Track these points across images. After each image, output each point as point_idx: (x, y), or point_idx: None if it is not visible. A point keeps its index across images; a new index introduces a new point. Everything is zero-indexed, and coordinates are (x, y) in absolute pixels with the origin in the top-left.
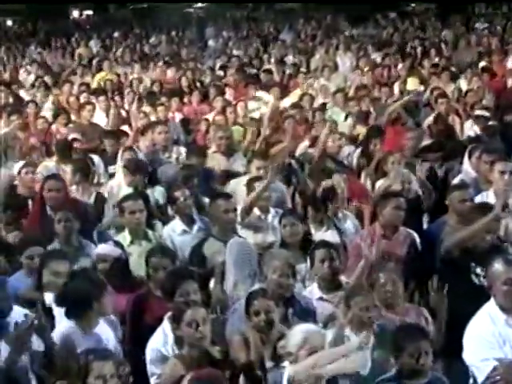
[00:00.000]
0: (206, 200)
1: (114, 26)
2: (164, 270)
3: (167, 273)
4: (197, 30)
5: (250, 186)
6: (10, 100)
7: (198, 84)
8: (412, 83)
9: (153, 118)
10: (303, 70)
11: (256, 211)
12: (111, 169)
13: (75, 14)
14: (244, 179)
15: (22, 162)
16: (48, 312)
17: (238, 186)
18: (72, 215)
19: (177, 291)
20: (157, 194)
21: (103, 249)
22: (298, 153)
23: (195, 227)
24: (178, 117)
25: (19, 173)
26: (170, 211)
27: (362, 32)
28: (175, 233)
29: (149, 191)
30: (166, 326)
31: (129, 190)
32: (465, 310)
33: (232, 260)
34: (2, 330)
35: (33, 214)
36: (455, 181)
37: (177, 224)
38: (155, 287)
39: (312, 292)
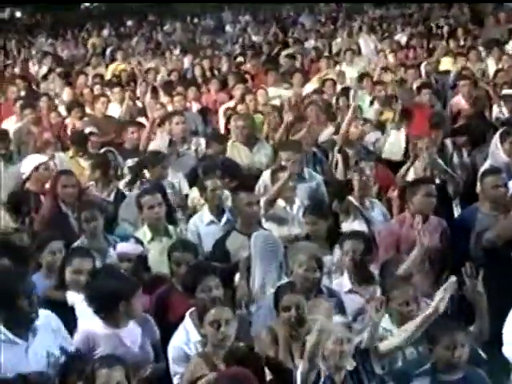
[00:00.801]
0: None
1: (128, 14)
2: (187, 264)
3: (188, 268)
4: (213, 16)
5: (273, 176)
6: (22, 93)
7: (216, 72)
8: (445, 63)
9: (170, 109)
10: (325, 54)
11: (281, 202)
12: (129, 162)
13: (86, 3)
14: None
15: (38, 156)
16: (70, 312)
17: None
18: (98, 213)
19: (198, 287)
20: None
21: (124, 247)
22: (321, 140)
23: (224, 219)
24: (196, 107)
25: (37, 168)
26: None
27: (384, 13)
28: (202, 223)
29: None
30: (187, 323)
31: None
32: (506, 302)
33: (258, 253)
34: (34, 333)
35: (45, 211)
36: (485, 166)
37: (205, 214)
38: (177, 283)
39: (341, 284)
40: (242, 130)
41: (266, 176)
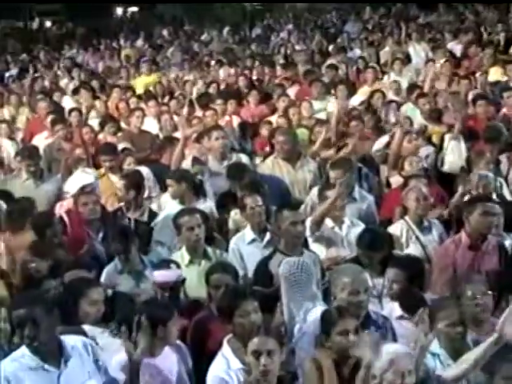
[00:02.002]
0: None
1: (163, 24)
2: (225, 287)
3: (224, 291)
4: (253, 24)
5: (321, 195)
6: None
7: (256, 83)
8: (495, 73)
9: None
10: (372, 63)
11: (329, 222)
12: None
13: (119, 11)
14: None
15: (84, 177)
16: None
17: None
18: (130, 231)
19: (236, 311)
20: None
21: (161, 276)
22: (374, 149)
23: (266, 236)
24: (236, 121)
25: (82, 189)
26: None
27: (436, 19)
28: (244, 242)
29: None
30: (226, 350)
31: (177, 205)
32: None
33: (283, 283)
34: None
35: (75, 235)
36: None
37: (247, 232)
38: (216, 308)
39: (392, 310)
40: (282, 145)
41: (313, 194)
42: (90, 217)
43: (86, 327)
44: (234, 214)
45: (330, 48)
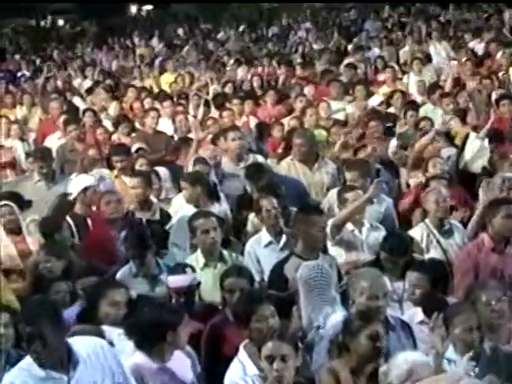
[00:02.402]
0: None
1: (178, 22)
2: (240, 292)
3: (241, 295)
4: (270, 23)
5: (341, 197)
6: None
7: (273, 83)
8: None
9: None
10: (391, 63)
11: (349, 225)
12: None
13: (133, 9)
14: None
15: (87, 178)
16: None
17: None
18: (147, 235)
19: (252, 316)
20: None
21: (175, 282)
22: (390, 154)
23: (283, 239)
24: (254, 121)
25: (85, 190)
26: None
27: (457, 17)
28: (260, 245)
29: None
30: (242, 355)
31: (190, 208)
32: None
33: (302, 287)
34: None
35: (96, 236)
36: None
37: (263, 235)
38: (231, 313)
39: (414, 315)
40: (299, 147)
41: (331, 196)
42: (113, 216)
43: (105, 328)
44: (253, 217)
45: (349, 47)
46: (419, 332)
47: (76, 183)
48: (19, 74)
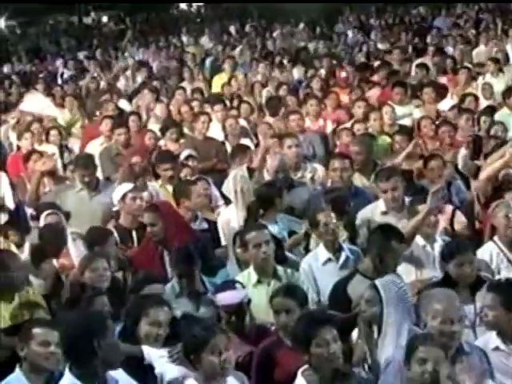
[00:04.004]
0: None
1: (230, 19)
2: (287, 313)
3: (301, 317)
4: (329, 19)
5: (410, 209)
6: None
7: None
8: None
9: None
10: (465, 64)
11: (419, 240)
12: None
13: (183, 5)
14: None
15: (126, 185)
16: (148, 370)
17: None
18: (194, 253)
19: (313, 340)
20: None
21: (225, 299)
22: (459, 165)
23: (342, 256)
24: (316, 126)
25: (123, 198)
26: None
27: None
28: (317, 262)
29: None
30: (300, 383)
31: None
32: None
33: (391, 305)
34: None
35: (146, 252)
36: None
37: (320, 252)
38: (285, 335)
39: (488, 340)
40: (356, 156)
41: (376, 215)
42: (156, 239)
43: (146, 349)
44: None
45: (419, 46)
46: (495, 359)
47: (119, 192)
48: (61, 74)
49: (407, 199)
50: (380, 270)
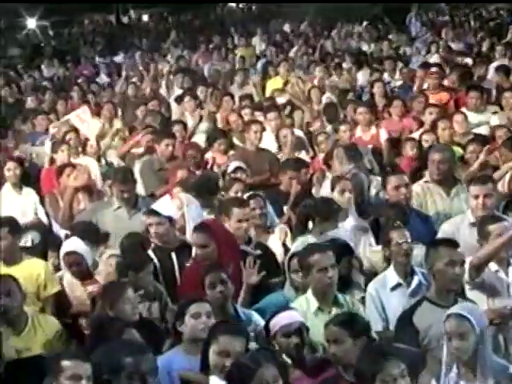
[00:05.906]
0: None
1: (284, 18)
2: (335, 343)
3: (363, 350)
4: (396, 18)
5: (482, 229)
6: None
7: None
8: None
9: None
10: None
11: (492, 265)
12: None
13: (231, 4)
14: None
15: (168, 205)
16: None
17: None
18: (226, 276)
19: (378, 375)
20: None
21: (283, 319)
22: None
23: (414, 281)
24: (384, 134)
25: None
26: None
27: None
28: (386, 287)
29: None
30: None
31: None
32: None
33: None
34: None
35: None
36: None
37: (389, 275)
38: (344, 369)
39: None
40: (438, 164)
41: (463, 227)
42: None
43: (212, 379)
44: (370, 252)
45: (498, 47)
46: None
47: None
48: (100, 78)
49: None
50: (445, 292)
